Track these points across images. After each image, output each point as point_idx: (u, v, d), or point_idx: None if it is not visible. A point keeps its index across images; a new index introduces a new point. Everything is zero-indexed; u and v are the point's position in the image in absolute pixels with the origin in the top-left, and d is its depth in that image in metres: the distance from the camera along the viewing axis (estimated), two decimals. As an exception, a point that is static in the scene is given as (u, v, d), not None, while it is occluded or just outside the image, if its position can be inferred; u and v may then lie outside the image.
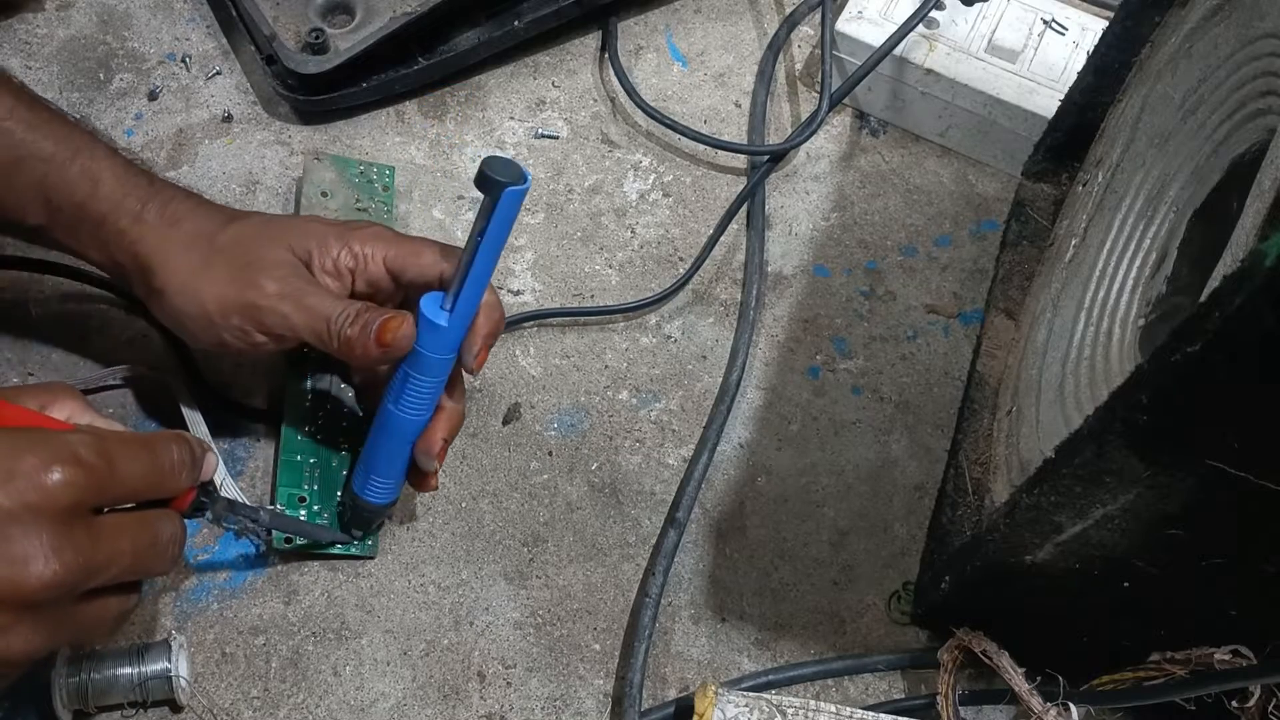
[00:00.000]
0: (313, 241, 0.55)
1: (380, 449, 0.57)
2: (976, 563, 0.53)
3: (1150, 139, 0.57)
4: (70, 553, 0.41)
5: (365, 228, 0.56)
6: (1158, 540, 0.45)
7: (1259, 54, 0.48)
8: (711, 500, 0.64)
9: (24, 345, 0.64)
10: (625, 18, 0.79)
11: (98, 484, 0.43)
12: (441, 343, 0.53)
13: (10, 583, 0.40)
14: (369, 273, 0.55)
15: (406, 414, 0.55)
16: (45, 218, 0.55)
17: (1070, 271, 0.60)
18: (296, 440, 0.61)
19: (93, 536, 0.43)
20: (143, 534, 0.45)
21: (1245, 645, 0.49)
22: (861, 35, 0.74)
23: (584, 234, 0.71)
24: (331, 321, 0.53)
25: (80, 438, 0.43)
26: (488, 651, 0.59)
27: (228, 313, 0.54)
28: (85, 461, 0.42)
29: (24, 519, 0.41)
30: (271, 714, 0.57)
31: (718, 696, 0.55)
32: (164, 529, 0.47)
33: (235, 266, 0.54)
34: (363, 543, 0.60)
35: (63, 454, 0.42)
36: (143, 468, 0.45)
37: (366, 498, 0.58)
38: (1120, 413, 0.39)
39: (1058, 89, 0.70)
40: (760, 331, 0.69)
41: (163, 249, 0.54)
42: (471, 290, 0.52)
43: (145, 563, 0.46)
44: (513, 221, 0.51)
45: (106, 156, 0.55)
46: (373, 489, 0.57)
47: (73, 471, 0.42)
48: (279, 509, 0.59)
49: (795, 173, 0.75)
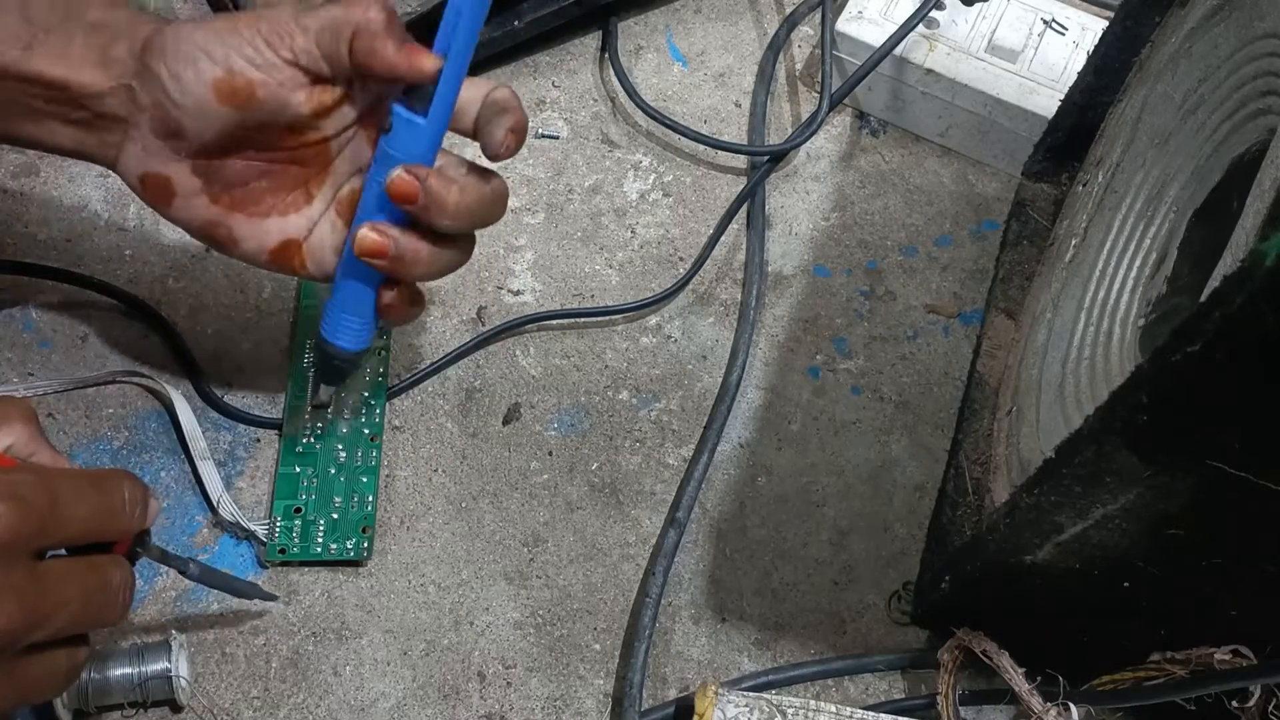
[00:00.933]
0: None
1: (348, 280, 0.54)
2: (976, 563, 0.53)
3: (1150, 139, 0.57)
4: (11, 600, 0.39)
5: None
6: (1158, 540, 0.45)
7: (1259, 54, 0.48)
8: (711, 500, 0.64)
9: (24, 346, 0.64)
10: (625, 18, 0.79)
11: (38, 523, 0.40)
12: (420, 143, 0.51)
13: None
14: None
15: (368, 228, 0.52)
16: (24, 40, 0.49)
17: (1070, 271, 0.60)
18: (294, 453, 0.62)
19: (36, 582, 0.40)
20: (91, 580, 0.43)
21: (1245, 645, 0.49)
22: (861, 35, 0.74)
23: (584, 234, 0.71)
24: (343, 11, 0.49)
25: (24, 476, 0.40)
26: (488, 651, 0.59)
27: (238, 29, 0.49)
28: (26, 499, 0.39)
29: None
30: (271, 714, 0.57)
31: (718, 696, 0.55)
32: (113, 575, 0.44)
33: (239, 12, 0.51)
34: (356, 548, 0.60)
35: (1, 491, 0.39)
36: (89, 508, 0.42)
37: (336, 342, 0.55)
38: (1120, 413, 0.39)
39: (1058, 89, 0.70)
40: (760, 331, 0.69)
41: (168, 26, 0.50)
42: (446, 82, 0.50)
43: (94, 612, 0.43)
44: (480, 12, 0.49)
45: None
46: (345, 330, 0.55)
47: (11, 509, 0.39)
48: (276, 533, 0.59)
49: (795, 173, 0.75)
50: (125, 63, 0.50)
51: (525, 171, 0.73)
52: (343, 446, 0.62)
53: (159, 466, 0.62)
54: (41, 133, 0.52)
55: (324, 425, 0.63)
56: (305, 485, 0.61)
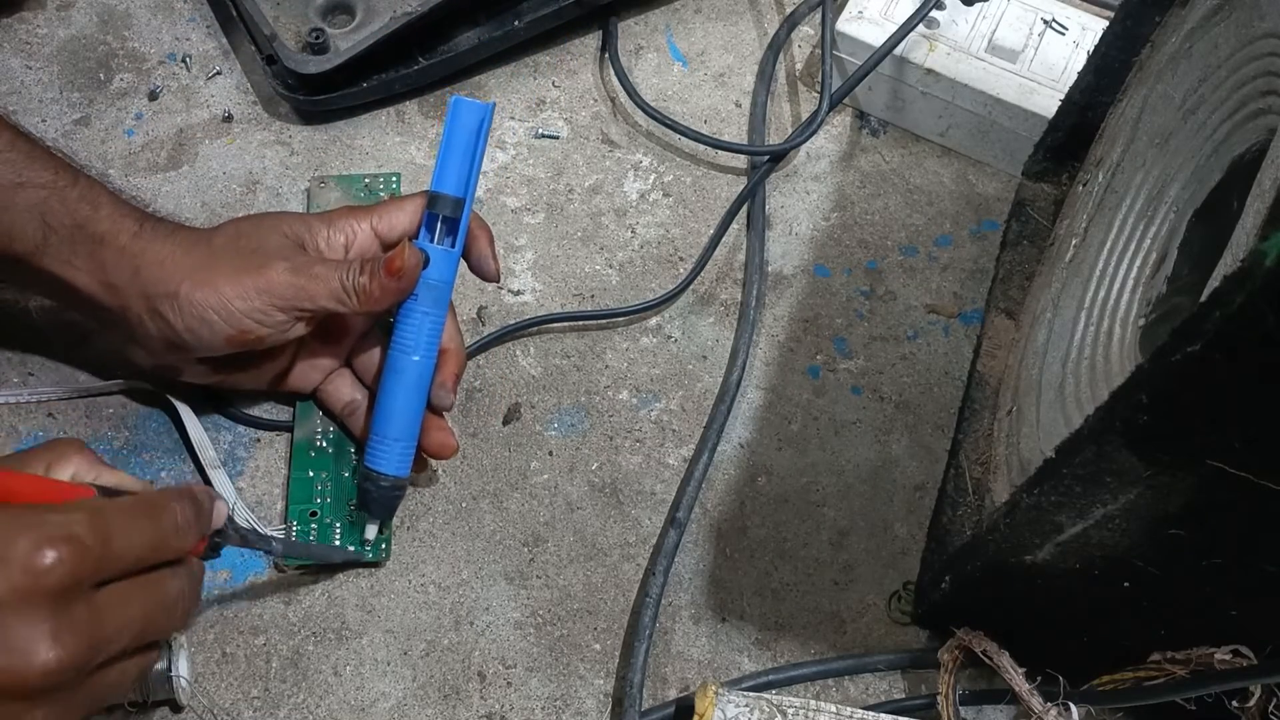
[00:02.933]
0: (301, 227, 0.58)
1: (394, 408, 0.58)
2: (977, 562, 0.53)
3: (1150, 139, 0.57)
4: (71, 636, 0.40)
5: (343, 208, 0.60)
6: (1158, 540, 0.45)
7: (1259, 54, 0.48)
8: (712, 500, 0.64)
9: (24, 346, 0.64)
10: (625, 18, 0.79)
11: (94, 562, 0.41)
12: (449, 267, 0.58)
13: (14, 673, 0.39)
14: (359, 243, 0.59)
15: (424, 357, 0.57)
16: (39, 241, 0.55)
17: (1070, 271, 0.60)
18: (308, 456, 0.62)
19: (95, 613, 0.42)
20: (150, 598, 0.44)
21: (1245, 645, 0.49)
22: (862, 35, 0.74)
23: (584, 234, 0.71)
24: (343, 278, 0.56)
25: (76, 516, 0.42)
26: (488, 651, 0.59)
27: (248, 295, 0.55)
28: (79, 539, 0.41)
29: (19, 607, 0.39)
30: (272, 714, 0.57)
31: (718, 696, 0.55)
32: (171, 587, 0.45)
33: (241, 257, 0.56)
34: (375, 548, 0.60)
35: (55, 534, 0.40)
36: (143, 537, 0.44)
37: (386, 470, 0.58)
38: (1120, 413, 0.39)
39: (1058, 89, 0.70)
40: (760, 331, 0.69)
41: (168, 258, 0.55)
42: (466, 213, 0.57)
43: (156, 626, 0.45)
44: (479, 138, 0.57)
45: (103, 188, 0.57)
46: (387, 456, 0.58)
47: (66, 551, 0.40)
48: (290, 535, 0.60)
49: (795, 173, 0.75)
50: (127, 290, 0.55)
51: (525, 171, 0.73)
52: (355, 450, 0.62)
53: (159, 466, 0.62)
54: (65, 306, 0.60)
55: (335, 429, 0.63)
56: (319, 489, 0.61)
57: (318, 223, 0.58)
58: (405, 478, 0.59)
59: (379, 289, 0.55)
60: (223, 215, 0.69)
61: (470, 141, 0.57)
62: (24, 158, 0.55)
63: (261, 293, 0.55)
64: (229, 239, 0.57)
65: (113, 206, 0.56)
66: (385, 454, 0.58)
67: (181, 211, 0.69)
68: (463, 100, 0.58)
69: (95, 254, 0.55)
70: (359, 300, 0.56)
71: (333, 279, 0.55)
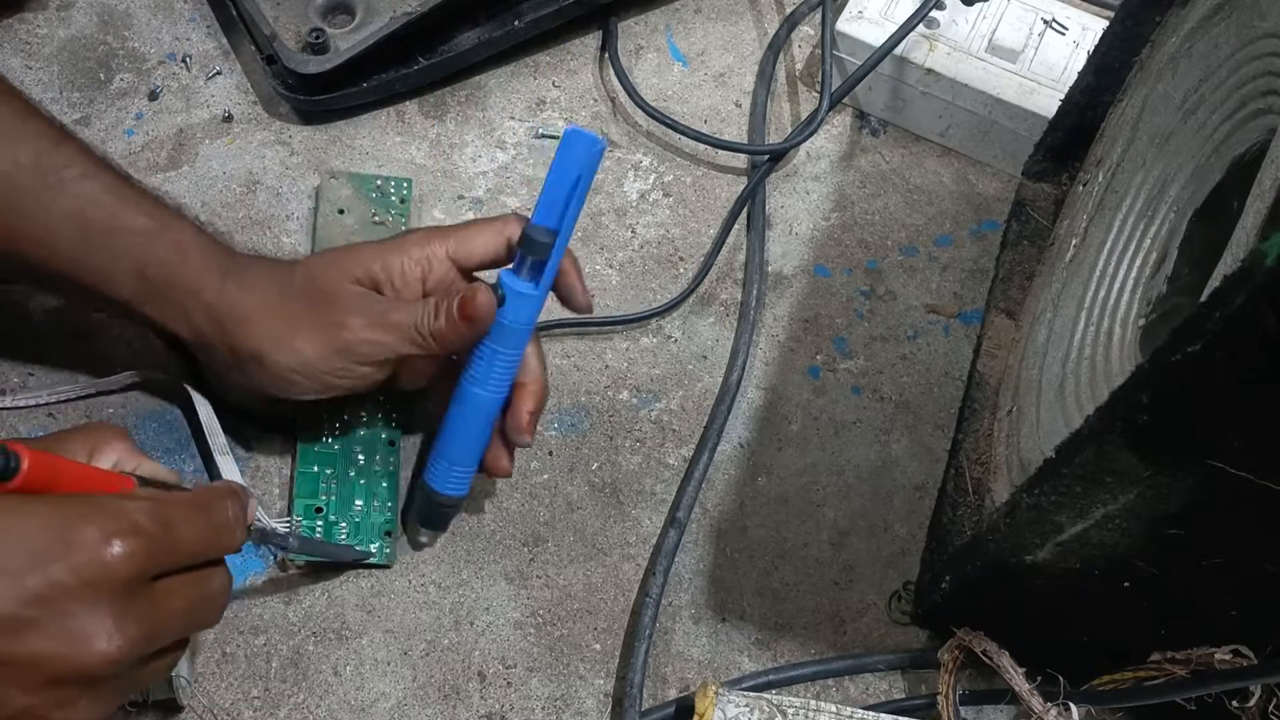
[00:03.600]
0: (375, 264, 0.57)
1: (459, 435, 0.57)
2: (977, 563, 0.53)
3: (1151, 139, 0.57)
4: (133, 627, 0.41)
5: (414, 234, 0.58)
6: (1158, 540, 0.45)
7: (1259, 54, 0.48)
8: (712, 500, 0.64)
9: (25, 344, 0.64)
10: (625, 17, 0.79)
11: (159, 553, 0.42)
12: (530, 310, 0.55)
13: (74, 660, 0.40)
14: (436, 272, 0.57)
15: (491, 392, 0.56)
16: (136, 288, 0.56)
17: (1071, 271, 0.60)
18: (313, 452, 0.62)
19: (152, 605, 0.42)
20: (196, 592, 0.45)
21: (1245, 645, 0.49)
22: (862, 35, 0.74)
23: (584, 234, 0.71)
24: (418, 325, 0.54)
25: (140, 505, 0.43)
26: (488, 651, 0.59)
27: (328, 356, 0.55)
28: (145, 530, 0.42)
29: (85, 595, 0.40)
30: (272, 714, 0.57)
31: (718, 696, 0.55)
32: (213, 584, 0.46)
33: (316, 312, 0.55)
34: (381, 553, 0.60)
35: (123, 524, 0.41)
36: (200, 530, 0.45)
37: (446, 491, 0.58)
38: (1120, 413, 0.39)
39: (1058, 89, 0.70)
40: (761, 331, 0.69)
41: (248, 316, 0.56)
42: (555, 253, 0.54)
43: (198, 621, 0.46)
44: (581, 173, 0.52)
45: (193, 230, 0.57)
46: (452, 480, 0.58)
47: (134, 543, 0.41)
48: (296, 529, 0.60)
49: (795, 172, 0.75)
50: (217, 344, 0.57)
51: (525, 171, 0.73)
52: (361, 450, 0.62)
53: (159, 466, 0.62)
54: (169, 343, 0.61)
55: (341, 426, 0.62)
56: (325, 485, 0.61)
57: (392, 255, 0.57)
58: (462, 497, 0.59)
59: (454, 334, 0.54)
60: (223, 215, 0.69)
61: (572, 177, 0.52)
62: (121, 201, 0.56)
63: (340, 352, 0.55)
64: (304, 288, 0.56)
65: (200, 255, 0.56)
66: (443, 475, 0.58)
67: (181, 211, 0.69)
68: (577, 131, 0.52)
69: (185, 306, 0.56)
70: (436, 344, 0.55)
71: (408, 325, 0.55)
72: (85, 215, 0.55)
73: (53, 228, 0.55)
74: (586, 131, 0.52)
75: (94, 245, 0.55)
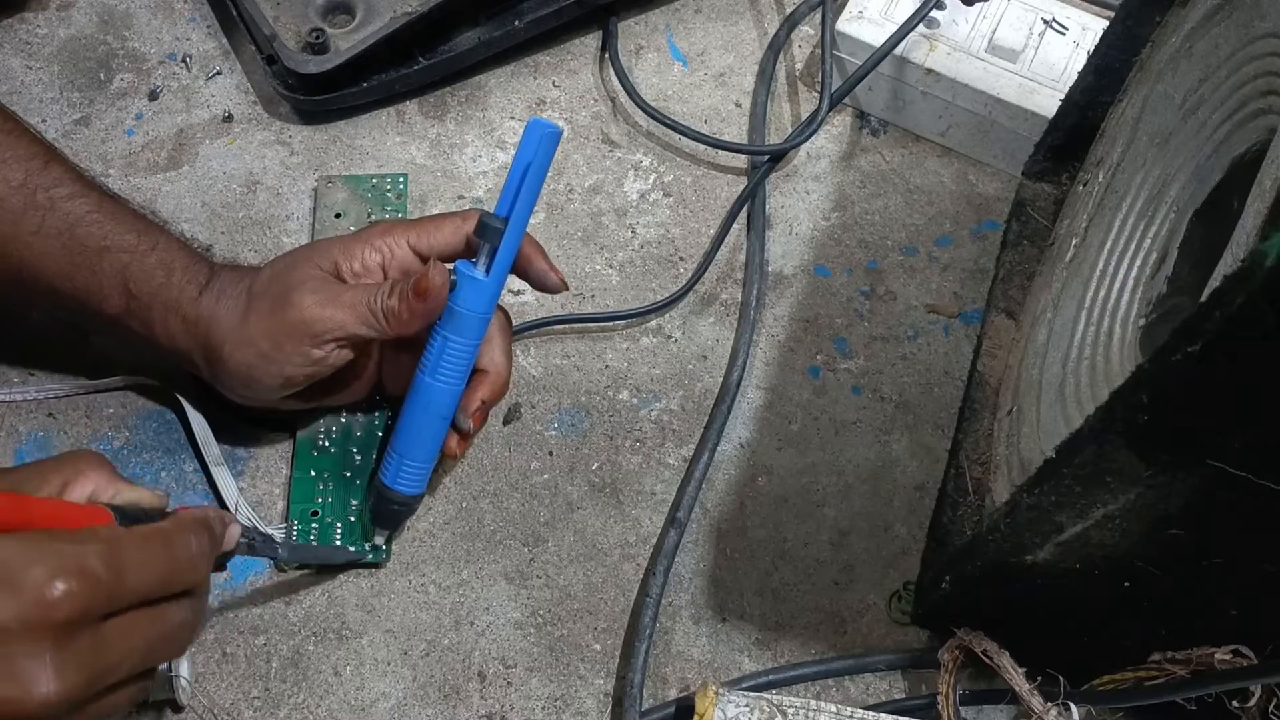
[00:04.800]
0: (335, 251, 0.57)
1: (412, 428, 0.57)
2: (977, 562, 0.53)
3: (1151, 139, 0.57)
4: (73, 670, 0.40)
5: (378, 225, 0.59)
6: (1158, 540, 0.45)
7: (1259, 53, 0.48)
8: (712, 500, 0.64)
9: (25, 344, 0.64)
10: (625, 18, 0.79)
11: (105, 594, 0.41)
12: (482, 297, 0.55)
13: (12, 703, 0.39)
14: (397, 260, 0.57)
15: (442, 382, 0.56)
16: (124, 305, 0.56)
17: (1071, 271, 0.60)
18: (309, 456, 0.62)
19: (98, 645, 0.41)
20: (154, 630, 0.44)
21: (1245, 645, 0.49)
22: (862, 35, 0.74)
23: (584, 234, 0.71)
24: (370, 302, 0.55)
25: (91, 548, 0.41)
26: (488, 651, 0.59)
27: (279, 340, 0.55)
28: (92, 573, 0.41)
29: (26, 636, 0.39)
30: (272, 714, 0.57)
31: (718, 696, 0.55)
32: (174, 618, 0.45)
33: (272, 301, 0.56)
34: (376, 550, 0.60)
35: (69, 566, 0.40)
36: (156, 570, 0.44)
37: (397, 487, 0.58)
38: (1121, 413, 0.39)
39: (1058, 89, 0.70)
40: (761, 331, 0.69)
41: (218, 321, 0.56)
42: (508, 241, 0.54)
43: (156, 655, 0.45)
44: (544, 168, 0.53)
45: (179, 246, 0.58)
46: (404, 476, 0.57)
47: (78, 584, 0.40)
48: (292, 535, 0.60)
49: (795, 172, 0.75)
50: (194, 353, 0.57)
51: (525, 171, 0.73)
52: (357, 450, 0.62)
53: (159, 467, 0.62)
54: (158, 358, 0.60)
55: (338, 429, 0.63)
56: (321, 489, 0.61)
57: (355, 244, 0.57)
58: (416, 495, 0.59)
59: (407, 311, 0.54)
60: (223, 215, 0.69)
61: (524, 165, 0.54)
62: (109, 219, 0.57)
63: (291, 335, 0.55)
64: (264, 285, 0.57)
65: (184, 270, 0.57)
66: (394, 470, 0.58)
67: (181, 212, 0.69)
68: (535, 121, 0.54)
69: (166, 320, 0.57)
70: (388, 323, 0.55)
71: (360, 304, 0.55)
72: (75, 234, 0.56)
73: (42, 247, 0.55)
74: (546, 121, 0.54)
75: (83, 264, 0.56)
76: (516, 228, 0.54)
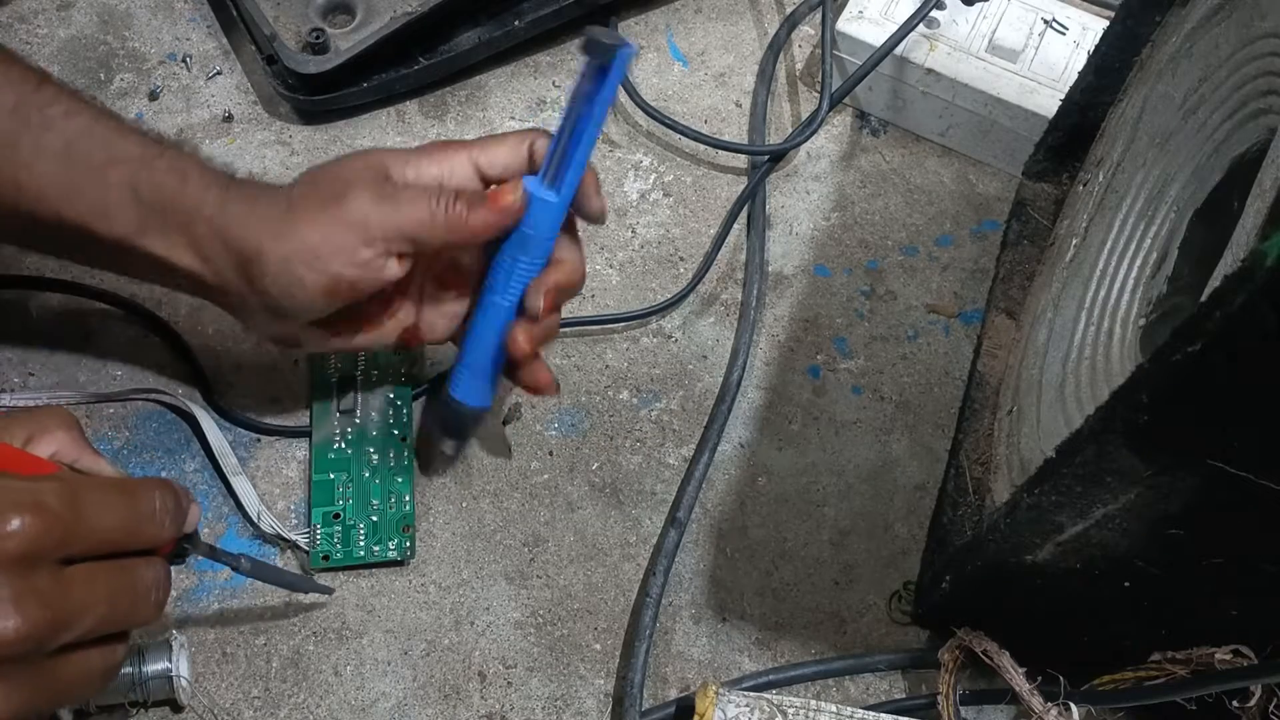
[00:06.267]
0: (388, 159, 0.54)
1: (476, 343, 0.57)
2: (977, 562, 0.53)
3: (1151, 138, 0.57)
4: (33, 605, 0.39)
5: (436, 143, 0.56)
6: (1158, 540, 0.45)
7: (1260, 53, 0.48)
8: (712, 500, 0.64)
9: (25, 345, 0.64)
10: (625, 18, 0.79)
11: (61, 533, 0.40)
12: (549, 219, 0.54)
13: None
14: (456, 177, 0.54)
15: (508, 300, 0.55)
16: (134, 219, 0.53)
17: (1071, 271, 0.60)
18: (327, 459, 0.62)
19: (60, 586, 0.40)
20: (119, 580, 0.43)
21: (1246, 645, 0.49)
22: (862, 35, 0.74)
23: (584, 233, 0.71)
24: (433, 204, 0.52)
25: (48, 485, 0.41)
26: (488, 651, 0.59)
27: (330, 234, 0.52)
28: (48, 509, 0.40)
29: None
30: (272, 714, 0.57)
31: (718, 696, 0.55)
32: (143, 575, 0.44)
33: (321, 199, 0.52)
34: (399, 547, 0.60)
35: (23, 502, 0.39)
36: (117, 517, 0.43)
37: (461, 397, 0.58)
38: (1121, 412, 0.39)
39: (1058, 89, 0.70)
40: (761, 331, 0.69)
41: (251, 222, 0.52)
42: (578, 160, 0.53)
43: (124, 611, 0.43)
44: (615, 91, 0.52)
45: (191, 155, 0.55)
46: (468, 388, 0.58)
47: (31, 520, 0.39)
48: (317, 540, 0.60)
49: (796, 172, 0.75)
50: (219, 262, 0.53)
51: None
52: (374, 449, 0.62)
53: (159, 467, 0.62)
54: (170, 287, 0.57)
55: (353, 430, 0.63)
56: (341, 490, 0.61)
57: (413, 154, 0.54)
58: (478, 407, 0.59)
59: (479, 221, 0.52)
60: (223, 215, 0.69)
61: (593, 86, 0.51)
62: (111, 132, 0.53)
63: (345, 227, 0.51)
64: (308, 185, 0.54)
65: (199, 176, 0.53)
66: (461, 383, 0.58)
67: (182, 211, 0.69)
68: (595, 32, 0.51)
69: (188, 229, 0.53)
70: (449, 229, 0.52)
71: (421, 204, 0.51)
72: (76, 149, 0.53)
73: (42, 169, 0.52)
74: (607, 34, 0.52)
75: (87, 180, 0.53)
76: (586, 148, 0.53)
